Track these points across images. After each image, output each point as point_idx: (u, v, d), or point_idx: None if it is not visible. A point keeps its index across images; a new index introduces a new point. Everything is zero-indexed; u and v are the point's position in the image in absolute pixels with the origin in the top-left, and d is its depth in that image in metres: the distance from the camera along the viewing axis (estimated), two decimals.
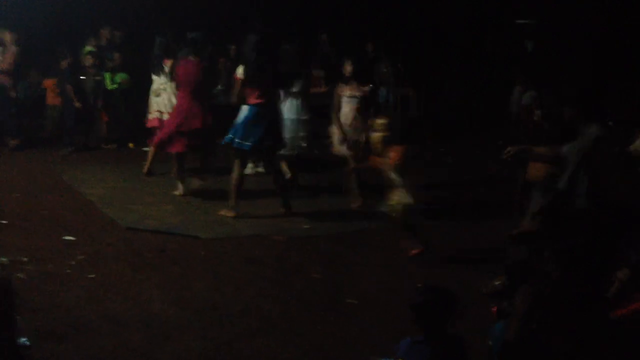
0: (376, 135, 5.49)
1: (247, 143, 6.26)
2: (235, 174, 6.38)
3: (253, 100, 6.29)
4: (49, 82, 9.91)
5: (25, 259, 4.95)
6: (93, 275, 4.73)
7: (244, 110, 6.37)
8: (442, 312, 2.65)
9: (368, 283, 4.93)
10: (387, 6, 12.44)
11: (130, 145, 9.53)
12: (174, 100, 7.54)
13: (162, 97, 7.75)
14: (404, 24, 12.14)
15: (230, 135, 6.32)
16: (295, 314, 4.34)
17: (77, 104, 9.26)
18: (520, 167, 5.64)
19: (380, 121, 5.59)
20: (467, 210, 6.93)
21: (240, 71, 6.53)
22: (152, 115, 7.88)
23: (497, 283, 4.59)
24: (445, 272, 4.95)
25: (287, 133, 7.30)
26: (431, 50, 12.34)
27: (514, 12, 13.09)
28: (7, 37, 9.57)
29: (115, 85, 9.68)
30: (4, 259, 4.82)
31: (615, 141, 4.51)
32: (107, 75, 9.68)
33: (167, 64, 7.72)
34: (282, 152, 6.97)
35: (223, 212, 6.43)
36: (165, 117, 7.62)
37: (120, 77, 9.77)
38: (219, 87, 10.07)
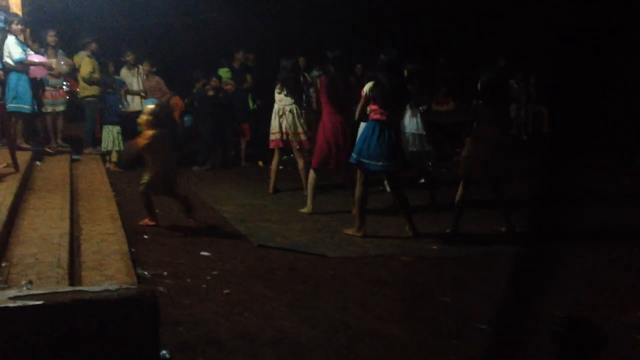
0: (142, 118, 6.21)
1: (368, 161, 6.28)
2: (358, 193, 6.42)
3: (375, 116, 6.31)
4: (174, 99, 10.48)
5: (165, 273, 5.21)
6: (227, 291, 4.89)
7: (365, 127, 6.43)
8: (589, 347, 2.52)
9: (499, 308, 4.76)
10: (517, 20, 12.11)
11: (260, 163, 9.85)
12: (299, 120, 7.77)
13: (287, 118, 7.93)
14: (538, 38, 11.77)
15: (354, 154, 6.38)
16: (423, 339, 4.27)
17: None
18: None
19: (149, 107, 6.30)
20: (604, 235, 6.55)
21: (367, 87, 6.58)
22: (275, 136, 8.06)
23: None
24: (583, 301, 4.70)
25: (411, 147, 7.41)
26: (566, 65, 11.85)
27: None
28: (146, 67, 10.27)
29: (255, 106, 10.12)
30: (145, 273, 5.09)
31: None
32: (250, 96, 10.14)
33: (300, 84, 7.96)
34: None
35: (349, 232, 6.47)
36: (294, 137, 7.82)
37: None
38: None
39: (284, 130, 7.97)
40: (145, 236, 6.21)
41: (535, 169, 9.40)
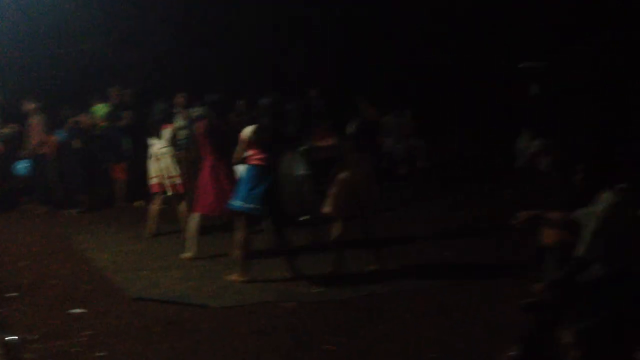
0: None
1: (249, 205, 6.24)
2: (239, 237, 6.35)
3: (255, 160, 6.30)
4: (49, 138, 9.97)
5: (34, 337, 4.89)
6: (102, 354, 4.66)
7: (245, 170, 6.40)
8: None
9: (382, 354, 4.81)
10: (391, 54, 12.47)
11: (137, 204, 9.55)
12: (174, 164, 7.64)
13: (163, 161, 7.78)
14: (410, 72, 12.20)
15: (236, 200, 6.32)
16: None
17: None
18: (532, 233, 5.54)
19: None
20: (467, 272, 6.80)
21: (247, 132, 6.52)
22: (154, 180, 7.88)
23: (511, 354, 4.47)
24: (466, 342, 4.85)
25: (293, 188, 7.49)
26: (438, 98, 12.34)
27: (517, 55, 13.07)
28: (32, 106, 9.75)
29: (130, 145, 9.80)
30: (13, 338, 4.74)
31: (632, 205, 4.40)
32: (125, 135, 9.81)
33: (168, 129, 7.82)
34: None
35: (232, 277, 6.37)
36: (169, 181, 7.66)
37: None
38: None
39: (160, 173, 7.79)
40: (14, 294, 5.83)
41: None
